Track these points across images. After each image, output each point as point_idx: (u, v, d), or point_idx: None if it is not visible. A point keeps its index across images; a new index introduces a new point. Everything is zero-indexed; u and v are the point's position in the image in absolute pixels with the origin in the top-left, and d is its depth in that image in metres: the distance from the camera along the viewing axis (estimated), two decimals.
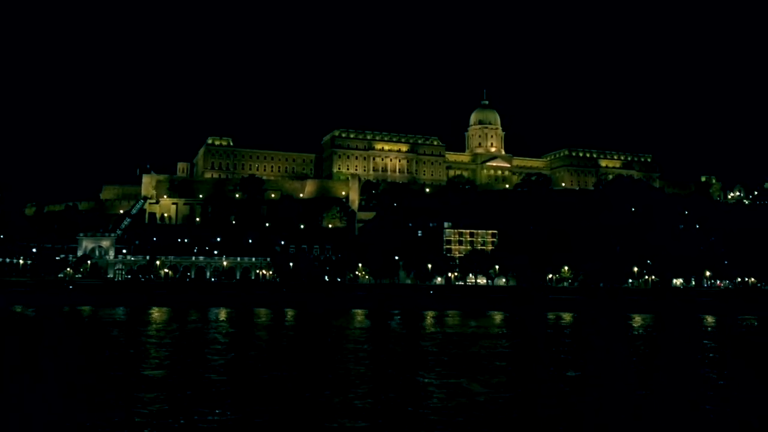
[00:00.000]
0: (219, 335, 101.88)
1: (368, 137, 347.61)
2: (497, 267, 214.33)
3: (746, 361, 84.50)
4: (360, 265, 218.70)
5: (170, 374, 64.83)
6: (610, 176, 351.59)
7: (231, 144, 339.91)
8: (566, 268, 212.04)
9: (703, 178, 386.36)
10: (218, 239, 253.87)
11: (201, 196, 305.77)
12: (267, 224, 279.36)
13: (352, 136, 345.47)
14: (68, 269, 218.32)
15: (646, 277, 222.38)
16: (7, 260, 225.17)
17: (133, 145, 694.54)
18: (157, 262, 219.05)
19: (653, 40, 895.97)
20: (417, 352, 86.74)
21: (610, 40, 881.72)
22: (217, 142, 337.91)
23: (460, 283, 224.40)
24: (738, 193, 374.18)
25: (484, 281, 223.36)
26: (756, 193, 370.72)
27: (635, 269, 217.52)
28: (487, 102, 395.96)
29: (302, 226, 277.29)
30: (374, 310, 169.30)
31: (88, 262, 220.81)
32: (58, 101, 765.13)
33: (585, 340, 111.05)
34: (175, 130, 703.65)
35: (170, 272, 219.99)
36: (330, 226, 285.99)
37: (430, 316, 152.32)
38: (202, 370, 66.92)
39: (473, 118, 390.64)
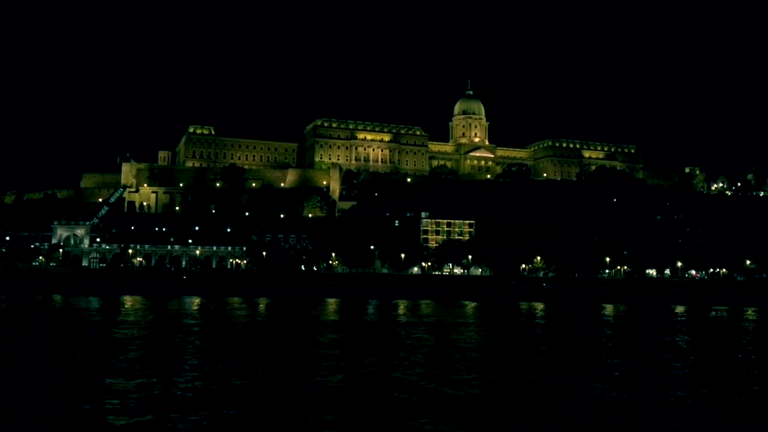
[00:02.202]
0: (189, 327, 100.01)
1: (350, 126, 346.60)
2: (470, 257, 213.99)
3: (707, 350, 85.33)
4: (333, 254, 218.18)
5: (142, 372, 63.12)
6: (593, 167, 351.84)
7: (213, 133, 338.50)
8: (539, 258, 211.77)
9: (687, 169, 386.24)
10: (196, 228, 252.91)
11: (181, 184, 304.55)
12: (247, 213, 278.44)
13: (334, 125, 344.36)
14: (41, 257, 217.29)
15: (618, 267, 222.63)
16: None
17: (114, 133, 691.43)
18: (130, 251, 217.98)
19: (638, 30, 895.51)
20: (378, 342, 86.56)
21: (595, 31, 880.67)
22: (198, 131, 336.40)
23: (437, 272, 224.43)
24: (721, 185, 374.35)
25: (460, 271, 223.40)
26: (739, 184, 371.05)
27: (607, 260, 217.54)
28: (471, 92, 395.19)
29: (282, 216, 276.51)
30: (347, 299, 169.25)
31: (60, 250, 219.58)
32: (39, 89, 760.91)
33: (552, 328, 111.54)
34: (157, 118, 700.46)
35: (143, 261, 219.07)
36: (310, 215, 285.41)
37: (402, 306, 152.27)
38: (175, 368, 64.44)
39: (457, 108, 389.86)
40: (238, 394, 52.28)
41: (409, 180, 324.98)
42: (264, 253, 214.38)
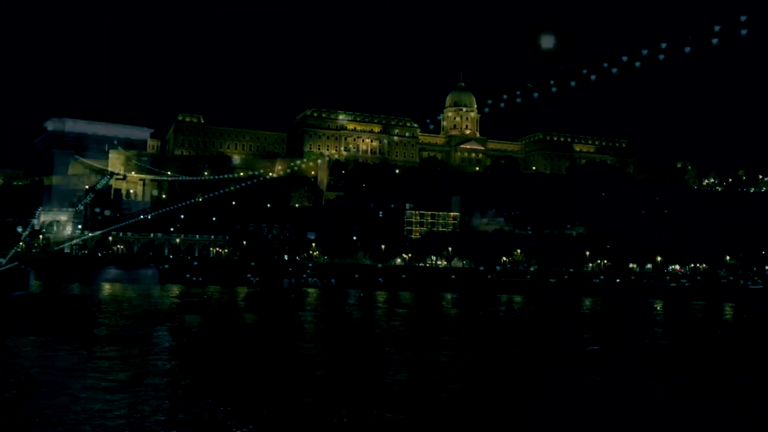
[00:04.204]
0: (164, 316, 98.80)
1: (341, 117, 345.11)
2: (450, 249, 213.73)
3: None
4: (314, 244, 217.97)
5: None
6: (584, 160, 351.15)
7: (202, 121, 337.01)
8: (518, 251, 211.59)
9: (679, 165, 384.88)
10: (182, 216, 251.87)
11: (169, 173, 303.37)
12: (233, 203, 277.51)
13: (324, 115, 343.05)
14: (21, 243, 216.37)
15: (599, 261, 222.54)
16: None
17: (103, 120, 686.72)
18: (110, 238, 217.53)
19: (629, 24, 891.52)
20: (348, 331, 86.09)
21: (588, 24, 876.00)
22: (188, 119, 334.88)
23: (420, 264, 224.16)
24: (712, 180, 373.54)
25: (444, 263, 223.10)
26: (730, 180, 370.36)
27: (587, 253, 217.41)
28: (463, 84, 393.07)
29: (269, 205, 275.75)
30: (325, 289, 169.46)
31: (41, 236, 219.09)
32: (29, 76, 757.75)
33: (526, 321, 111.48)
34: (147, 106, 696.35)
35: (124, 249, 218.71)
36: (297, 205, 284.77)
37: (381, 297, 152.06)
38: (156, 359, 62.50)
39: (449, 99, 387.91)
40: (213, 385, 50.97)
41: (397, 171, 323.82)
42: (244, 242, 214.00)
